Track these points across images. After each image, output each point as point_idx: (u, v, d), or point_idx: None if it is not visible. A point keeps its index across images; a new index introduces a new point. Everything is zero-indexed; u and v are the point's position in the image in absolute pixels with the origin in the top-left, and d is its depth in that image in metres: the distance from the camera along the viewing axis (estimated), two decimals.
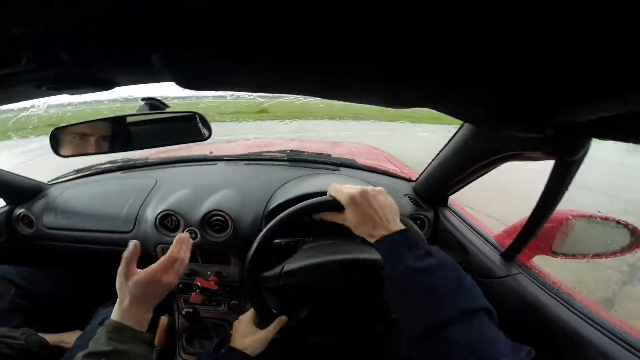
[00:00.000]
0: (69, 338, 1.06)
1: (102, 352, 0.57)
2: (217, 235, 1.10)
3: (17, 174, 1.18)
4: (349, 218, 0.66)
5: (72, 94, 0.64)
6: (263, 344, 0.78)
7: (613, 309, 1.88)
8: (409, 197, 1.17)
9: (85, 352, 0.57)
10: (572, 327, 0.72)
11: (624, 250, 0.90)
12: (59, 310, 1.23)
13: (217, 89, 0.62)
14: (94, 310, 1.30)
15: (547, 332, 0.76)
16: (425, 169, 1.11)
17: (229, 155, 1.35)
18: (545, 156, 0.62)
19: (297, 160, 1.34)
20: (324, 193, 0.79)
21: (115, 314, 0.62)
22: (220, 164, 1.33)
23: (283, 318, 0.79)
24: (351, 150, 1.62)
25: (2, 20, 0.32)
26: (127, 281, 0.63)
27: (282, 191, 1.14)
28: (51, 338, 1.03)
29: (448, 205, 1.15)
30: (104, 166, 1.32)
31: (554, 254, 0.94)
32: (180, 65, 0.49)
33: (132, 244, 0.65)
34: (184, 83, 0.56)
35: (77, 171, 1.31)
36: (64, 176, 1.30)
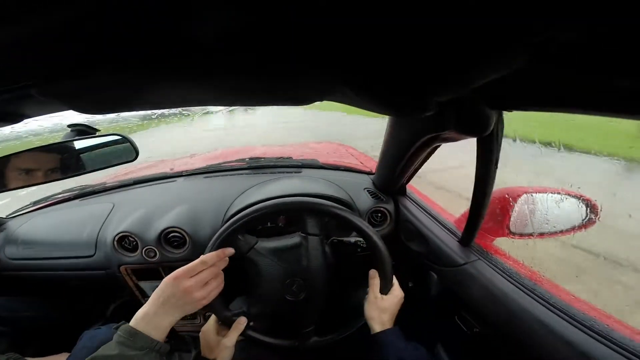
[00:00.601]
0: None
1: (107, 356, 0.56)
2: (177, 251, 1.10)
3: None
4: (385, 302, 0.82)
5: None
6: (229, 351, 0.78)
7: None
8: (368, 190, 1.15)
9: (91, 356, 0.57)
10: (534, 315, 0.68)
11: (583, 226, 0.86)
12: (44, 334, 1.23)
13: (119, 111, 0.60)
14: (78, 332, 1.31)
15: (510, 321, 0.72)
16: (378, 162, 1.09)
17: (188, 170, 1.34)
18: (461, 135, 0.60)
19: (257, 167, 1.32)
20: (281, 196, 0.89)
21: (135, 316, 0.62)
22: (180, 180, 1.32)
23: (242, 320, 0.80)
24: (315, 150, 1.61)
25: None
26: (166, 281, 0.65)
27: (240, 199, 1.13)
28: None
29: (407, 194, 1.13)
30: (61, 195, 1.31)
31: (513, 235, 0.91)
32: (66, 94, 0.47)
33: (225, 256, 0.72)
34: (83, 110, 0.55)
35: (35, 203, 1.30)
36: (21, 209, 1.29)
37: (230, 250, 0.75)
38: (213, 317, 0.83)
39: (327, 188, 1.13)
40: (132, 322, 0.61)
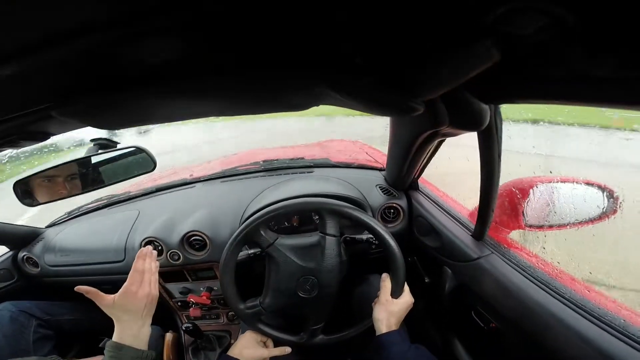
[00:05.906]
0: None
1: None
2: (199, 253, 1.16)
3: (12, 224, 1.29)
4: (394, 306, 0.84)
5: (15, 148, 0.69)
6: (258, 358, 0.86)
7: None
8: (380, 187, 1.16)
9: None
10: (549, 310, 0.66)
11: (603, 216, 0.83)
12: (85, 336, 1.32)
13: (131, 126, 0.65)
14: (109, 334, 1.39)
15: (525, 316, 0.71)
16: (386, 159, 1.09)
17: (205, 176, 1.40)
18: (459, 130, 0.61)
19: (271, 169, 1.36)
20: (297, 197, 0.95)
21: (114, 336, 0.70)
22: (198, 185, 1.37)
23: (287, 349, 0.89)
24: (326, 148, 1.62)
25: None
26: (108, 307, 0.72)
27: (256, 201, 1.17)
28: None
29: (419, 188, 1.13)
30: (91, 205, 1.40)
31: (530, 227, 0.89)
32: (81, 113, 0.52)
33: (82, 288, 0.75)
34: (99, 126, 0.60)
35: (69, 213, 1.40)
36: (57, 219, 1.39)
37: (149, 248, 0.80)
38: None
39: (339, 187, 1.14)
40: (114, 338, 0.68)
